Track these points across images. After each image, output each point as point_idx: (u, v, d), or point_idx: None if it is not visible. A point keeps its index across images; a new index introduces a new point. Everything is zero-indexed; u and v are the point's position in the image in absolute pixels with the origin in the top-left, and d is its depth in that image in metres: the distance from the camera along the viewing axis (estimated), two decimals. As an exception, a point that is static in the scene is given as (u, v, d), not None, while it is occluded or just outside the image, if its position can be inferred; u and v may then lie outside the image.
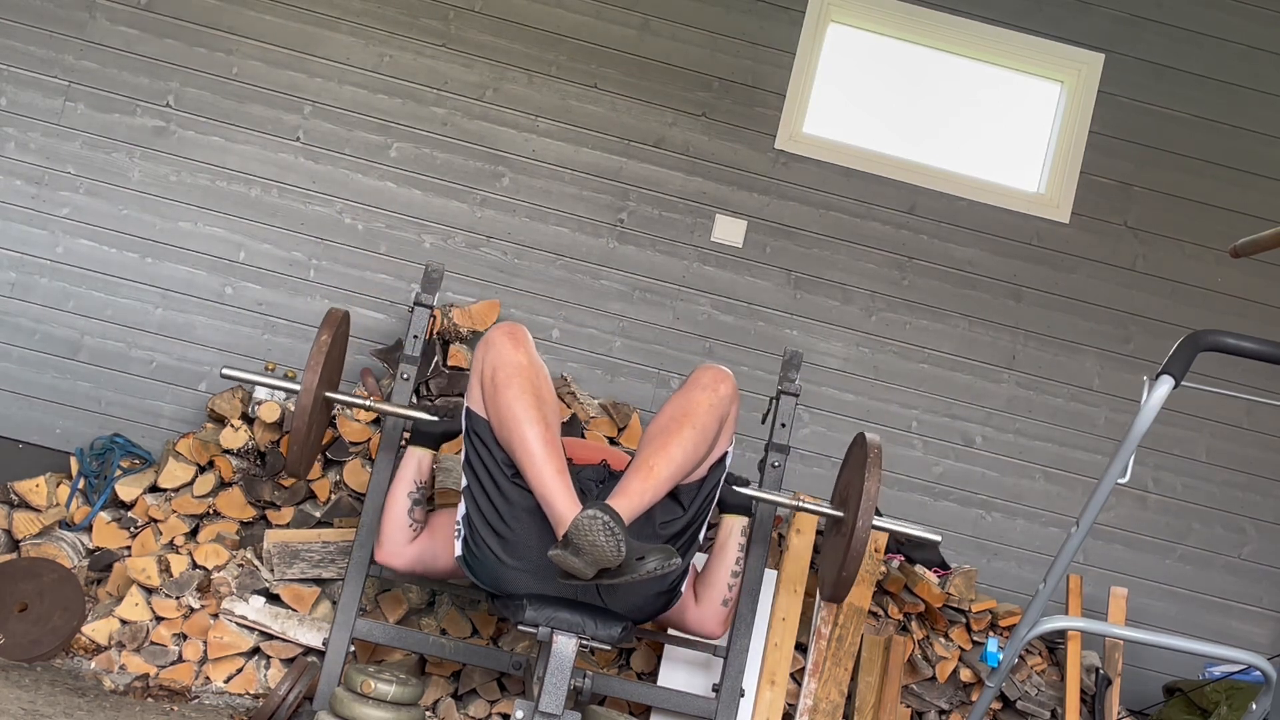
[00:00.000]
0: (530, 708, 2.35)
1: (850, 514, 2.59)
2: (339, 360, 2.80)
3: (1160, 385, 2.11)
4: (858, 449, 2.68)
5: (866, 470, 2.55)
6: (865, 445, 2.61)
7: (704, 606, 2.80)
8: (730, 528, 2.81)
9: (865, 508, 2.52)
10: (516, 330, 2.52)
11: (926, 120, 4.15)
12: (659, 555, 2.24)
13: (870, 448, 2.59)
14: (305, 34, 3.89)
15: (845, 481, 2.77)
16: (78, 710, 2.64)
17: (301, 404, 2.54)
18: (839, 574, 2.60)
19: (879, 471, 2.55)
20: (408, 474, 2.76)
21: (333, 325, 2.64)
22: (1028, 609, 2.32)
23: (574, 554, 2.21)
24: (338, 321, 2.67)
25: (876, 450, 2.58)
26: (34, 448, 3.69)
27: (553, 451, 2.38)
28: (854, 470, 2.67)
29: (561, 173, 3.93)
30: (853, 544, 2.53)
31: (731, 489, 2.80)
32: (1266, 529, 3.95)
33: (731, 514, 2.82)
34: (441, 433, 2.80)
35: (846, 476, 2.77)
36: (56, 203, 3.78)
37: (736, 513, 2.82)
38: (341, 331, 2.73)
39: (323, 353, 2.56)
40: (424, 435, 2.79)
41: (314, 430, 2.66)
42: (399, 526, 2.74)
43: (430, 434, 2.79)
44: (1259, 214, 4.02)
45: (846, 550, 2.56)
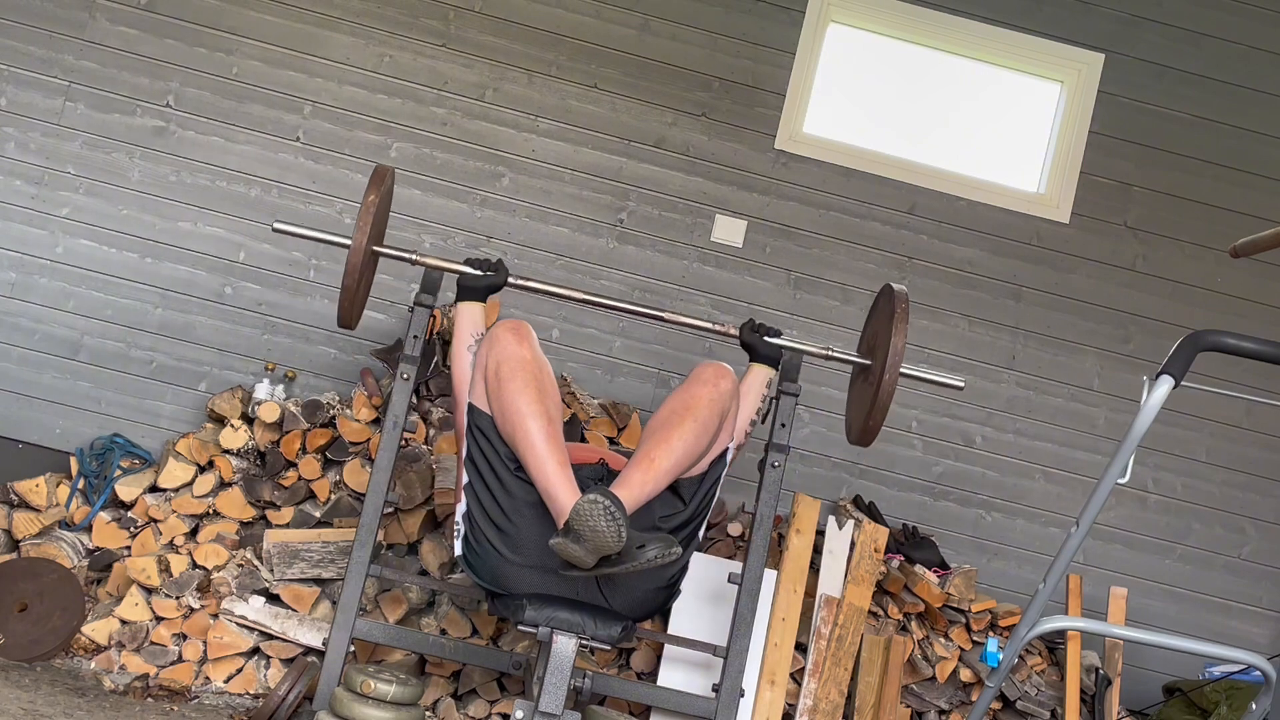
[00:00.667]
0: (530, 708, 2.35)
1: (878, 362, 2.67)
2: (384, 217, 2.85)
3: (1160, 385, 2.11)
4: (885, 300, 2.75)
5: (894, 323, 2.63)
6: (893, 297, 2.68)
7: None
8: (757, 375, 2.85)
9: (892, 359, 2.61)
10: (520, 326, 2.53)
11: (926, 120, 4.16)
12: (660, 544, 2.24)
13: (898, 300, 2.66)
14: (305, 34, 3.89)
15: (873, 331, 2.83)
16: (78, 710, 2.64)
17: (351, 261, 2.62)
18: (866, 421, 2.70)
19: (905, 325, 2.63)
20: (464, 329, 2.75)
21: (379, 183, 2.69)
22: (1028, 609, 2.32)
23: (575, 541, 2.21)
24: (383, 179, 2.72)
25: (904, 303, 2.66)
26: (34, 448, 3.69)
27: (555, 445, 2.38)
28: (881, 320, 2.75)
29: (561, 173, 3.93)
30: (881, 392, 2.63)
31: (762, 339, 2.84)
32: (1266, 529, 3.96)
33: (760, 363, 2.86)
34: (486, 286, 2.79)
35: (874, 326, 2.83)
36: (56, 203, 3.78)
37: (765, 363, 2.86)
38: (387, 188, 2.79)
39: (370, 212, 2.64)
40: (470, 290, 2.79)
41: (363, 284, 2.73)
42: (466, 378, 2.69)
43: (476, 288, 2.79)
44: (1259, 214, 4.02)
45: (874, 398, 2.65)
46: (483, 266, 2.79)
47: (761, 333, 2.85)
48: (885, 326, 2.68)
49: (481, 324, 2.77)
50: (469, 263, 2.80)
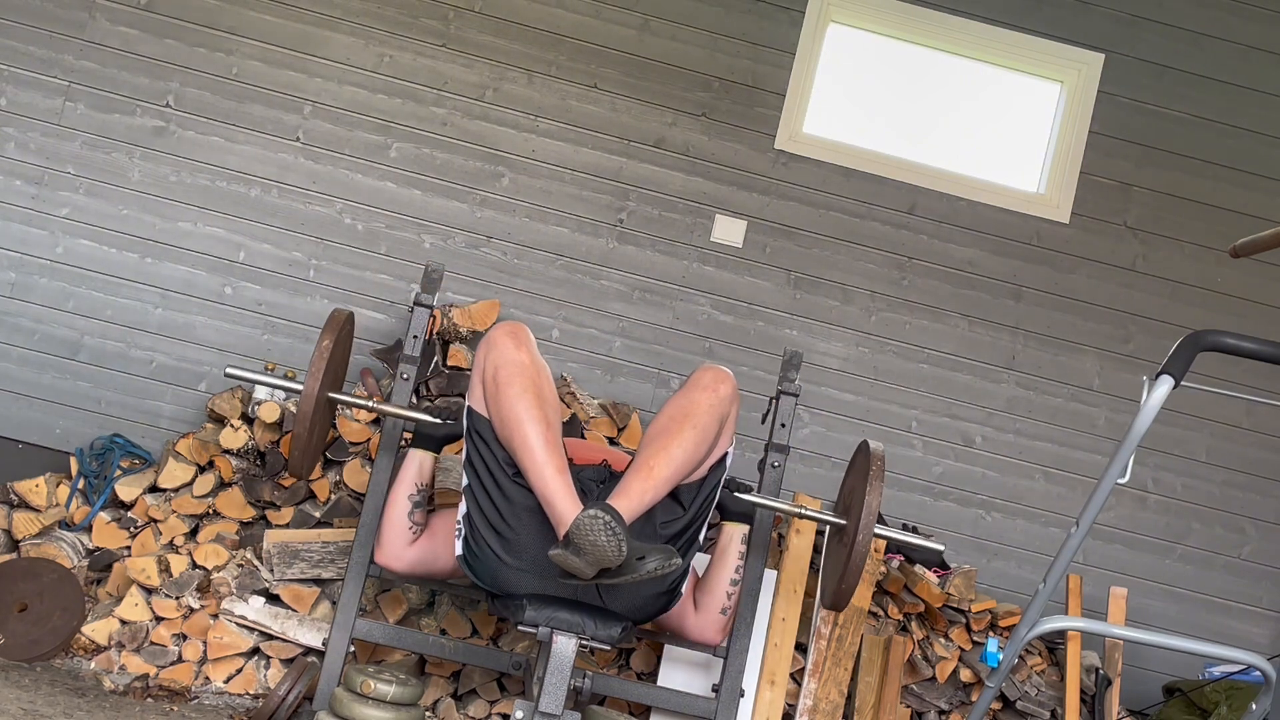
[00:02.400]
0: (530, 708, 2.35)
1: (852, 523, 2.58)
2: (342, 361, 2.80)
3: (1160, 385, 2.11)
4: (862, 457, 2.68)
5: (869, 482, 2.55)
6: (869, 455, 2.61)
7: (703, 615, 2.80)
8: (730, 535, 2.80)
9: (866, 521, 2.52)
10: (518, 329, 2.52)
11: (926, 120, 4.15)
12: (659, 555, 2.24)
13: (874, 459, 2.59)
14: (305, 34, 3.89)
15: (849, 488, 2.77)
16: (77, 710, 2.64)
17: (303, 409, 2.54)
18: (839, 585, 2.61)
19: (881, 485, 2.55)
20: (408, 476, 2.75)
21: (335, 329, 2.64)
22: (1028, 609, 2.32)
23: (575, 554, 2.21)
24: (340, 324, 2.66)
25: (880, 462, 2.58)
26: (34, 448, 3.69)
27: (554, 450, 2.38)
28: (857, 478, 2.67)
29: (561, 173, 3.93)
30: (853, 556, 2.53)
31: (733, 495, 2.79)
32: (1266, 529, 3.95)
33: (732, 521, 2.81)
34: (444, 435, 2.78)
35: (850, 484, 2.77)
36: (56, 203, 3.78)
37: (737, 520, 2.81)
38: (345, 332, 2.73)
39: (324, 359, 2.56)
40: (426, 438, 2.78)
41: (316, 432, 2.66)
42: (399, 530, 2.74)
43: (433, 436, 2.78)
44: (1259, 214, 4.02)
45: (847, 562, 2.56)
46: (440, 414, 2.78)
47: (730, 488, 2.80)
48: (860, 485, 2.61)
49: (429, 475, 2.77)
50: (428, 411, 2.78)
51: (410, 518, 2.74)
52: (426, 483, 2.77)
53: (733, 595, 2.79)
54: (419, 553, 2.76)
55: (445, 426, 2.77)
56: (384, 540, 2.75)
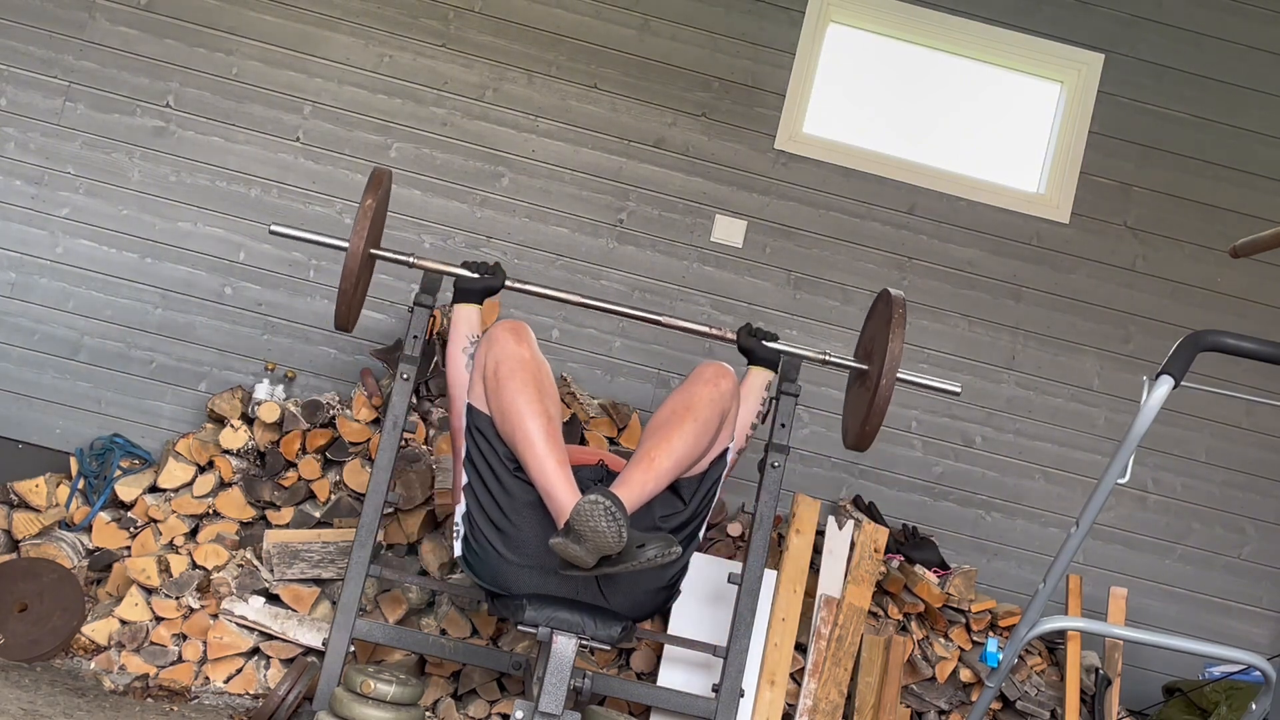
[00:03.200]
0: (530, 708, 2.35)
1: (875, 367, 2.68)
2: (381, 220, 2.85)
3: (1160, 385, 2.11)
4: (883, 304, 2.75)
5: (890, 328, 2.63)
6: (890, 302, 2.69)
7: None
8: (756, 377, 2.84)
9: (889, 365, 2.62)
10: (519, 326, 2.53)
11: (926, 120, 4.16)
12: (660, 543, 2.24)
13: (895, 305, 2.67)
14: (305, 34, 3.89)
15: (870, 335, 2.84)
16: (77, 710, 2.64)
17: (348, 266, 2.63)
18: (862, 427, 2.72)
19: (902, 331, 2.64)
20: (460, 331, 2.74)
21: (376, 187, 2.70)
22: (1027, 609, 2.32)
23: (575, 541, 2.21)
24: (380, 182, 2.72)
25: (901, 309, 2.66)
26: (34, 448, 3.69)
27: (554, 444, 2.38)
28: (879, 325, 2.75)
29: (561, 173, 3.93)
30: (877, 398, 2.64)
31: (760, 344, 2.84)
32: (1266, 529, 3.95)
33: (758, 366, 2.85)
34: (482, 289, 2.78)
35: (871, 330, 2.84)
36: (56, 203, 3.78)
37: (763, 365, 2.85)
38: (385, 190, 2.79)
39: (368, 216, 2.64)
40: (467, 293, 2.77)
41: (360, 287, 2.74)
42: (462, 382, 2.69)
43: (473, 290, 2.78)
44: (1259, 214, 4.02)
45: (871, 403, 2.66)
46: (480, 269, 2.78)
47: (759, 337, 2.85)
48: (883, 331, 2.69)
49: (478, 327, 2.76)
50: (466, 265, 2.79)
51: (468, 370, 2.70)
52: (477, 334, 2.76)
53: (749, 437, 2.82)
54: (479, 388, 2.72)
55: (482, 280, 2.77)
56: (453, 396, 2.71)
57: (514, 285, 2.84)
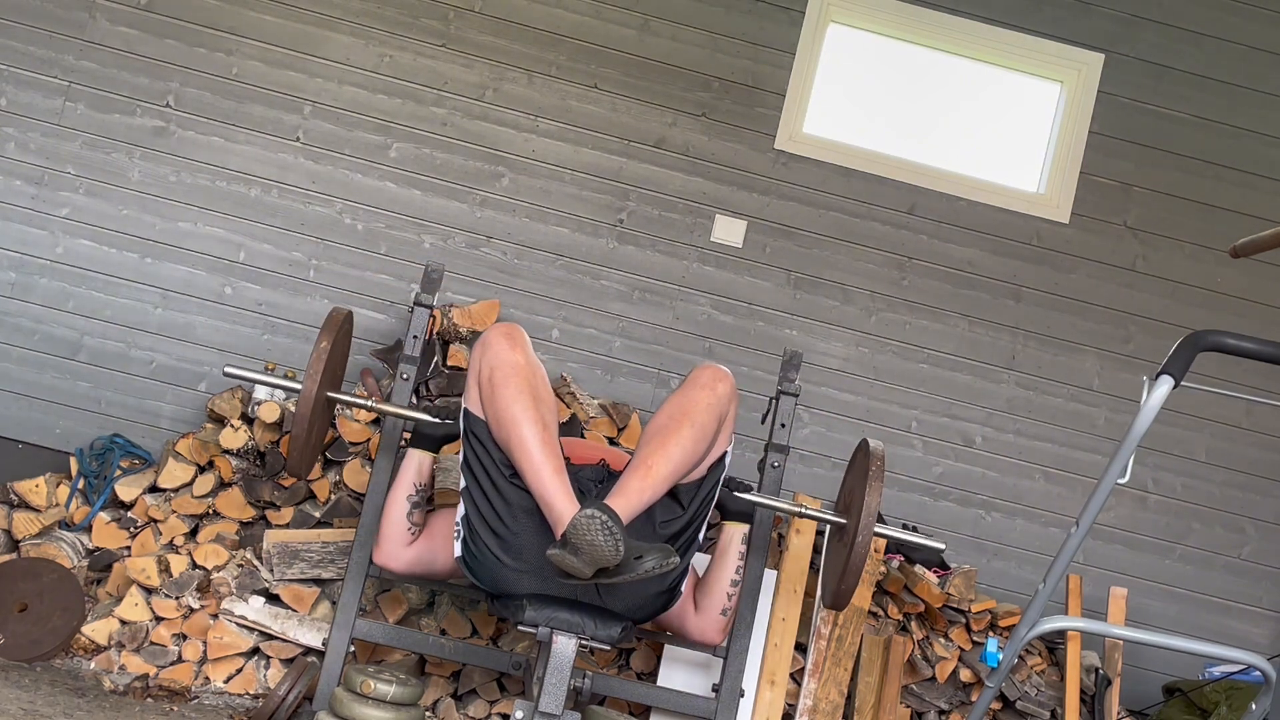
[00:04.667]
0: (530, 708, 2.35)
1: (852, 522, 2.58)
2: (341, 360, 2.79)
3: (1160, 385, 2.11)
4: (861, 456, 2.67)
5: (869, 482, 2.55)
6: (869, 454, 2.61)
7: (703, 615, 2.80)
8: (730, 535, 2.79)
9: (866, 520, 2.52)
10: (513, 330, 2.52)
11: (926, 120, 4.15)
12: (657, 554, 2.24)
13: (874, 458, 2.58)
14: (305, 34, 3.89)
15: (849, 488, 2.76)
16: (77, 710, 2.64)
17: (301, 410, 2.54)
18: (839, 585, 2.60)
19: (880, 484, 2.54)
20: (407, 477, 2.75)
21: (333, 329, 2.63)
22: (1027, 609, 2.32)
23: (572, 554, 2.21)
24: (338, 324, 2.66)
25: (880, 461, 2.58)
26: (34, 448, 3.69)
27: (550, 451, 2.37)
28: (857, 478, 2.67)
29: (561, 173, 3.93)
30: (853, 556, 2.53)
31: (733, 495, 2.78)
32: (1266, 529, 3.95)
33: (732, 521, 2.80)
34: (443, 435, 2.78)
35: (850, 483, 2.76)
36: (56, 203, 3.78)
37: (737, 520, 2.80)
38: (344, 332, 2.73)
39: (322, 360, 2.55)
40: (425, 438, 2.78)
41: (315, 432, 2.66)
42: (398, 529, 2.73)
43: (431, 436, 2.78)
44: (1259, 214, 4.02)
45: (847, 561, 2.56)
46: (440, 414, 2.77)
47: (730, 488, 2.79)
48: (860, 484, 2.60)
49: (427, 475, 2.77)
50: (427, 411, 2.77)
51: (409, 518, 2.74)
52: (425, 483, 2.77)
53: (733, 596, 2.78)
54: (417, 553, 2.76)
55: (444, 426, 2.76)
56: (383, 540, 2.75)
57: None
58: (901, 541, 2.82)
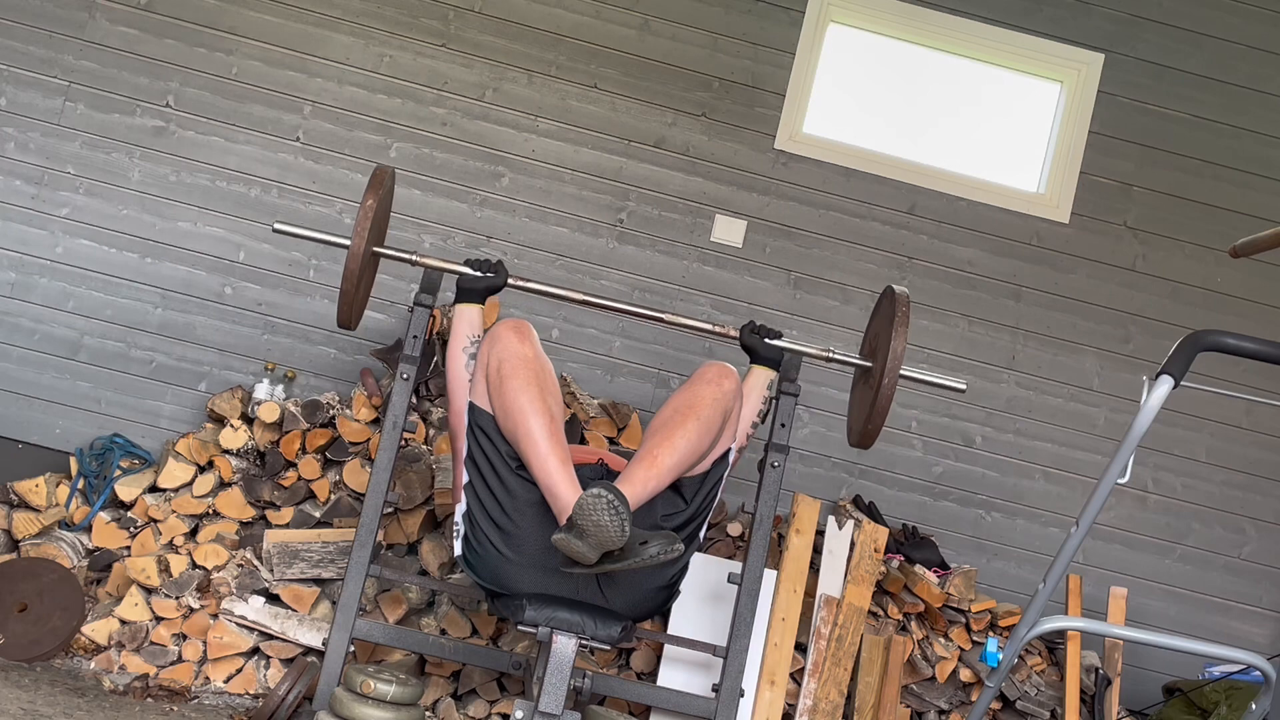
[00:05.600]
0: (530, 708, 2.35)
1: (879, 365, 2.68)
2: (384, 218, 2.85)
3: (1160, 385, 2.11)
4: (887, 302, 2.75)
5: (894, 326, 2.63)
6: (894, 300, 2.68)
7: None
8: (758, 376, 2.82)
9: (892, 363, 2.61)
10: (521, 325, 2.53)
11: (926, 120, 4.15)
12: (662, 540, 2.24)
13: (899, 303, 2.66)
14: (305, 34, 3.89)
15: (874, 333, 2.83)
16: (77, 710, 2.64)
17: (349, 266, 2.62)
18: (865, 425, 2.71)
19: (905, 329, 2.63)
20: (461, 331, 2.72)
21: (378, 186, 2.69)
22: (1027, 609, 2.32)
23: (578, 536, 2.21)
24: (383, 181, 2.71)
25: (905, 307, 2.66)
26: (34, 448, 3.69)
27: (557, 442, 2.38)
28: (882, 323, 2.74)
29: (561, 173, 3.93)
30: (879, 397, 2.63)
31: (763, 341, 2.81)
32: (1266, 529, 3.95)
33: (761, 365, 2.83)
34: (485, 287, 2.75)
35: (875, 328, 2.83)
36: (56, 203, 3.78)
37: (765, 364, 2.83)
38: (387, 190, 2.78)
39: (369, 216, 2.63)
40: (469, 292, 2.75)
41: (363, 286, 2.73)
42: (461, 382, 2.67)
43: (475, 289, 2.75)
44: (1259, 214, 4.02)
45: (874, 401, 2.65)
46: (482, 267, 2.76)
47: (762, 334, 2.83)
48: (886, 329, 2.68)
49: (479, 326, 2.75)
50: (468, 263, 2.78)
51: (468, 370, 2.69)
52: (478, 334, 2.74)
53: (750, 436, 2.79)
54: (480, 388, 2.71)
55: (485, 279, 2.74)
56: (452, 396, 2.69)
57: (515, 284, 2.83)
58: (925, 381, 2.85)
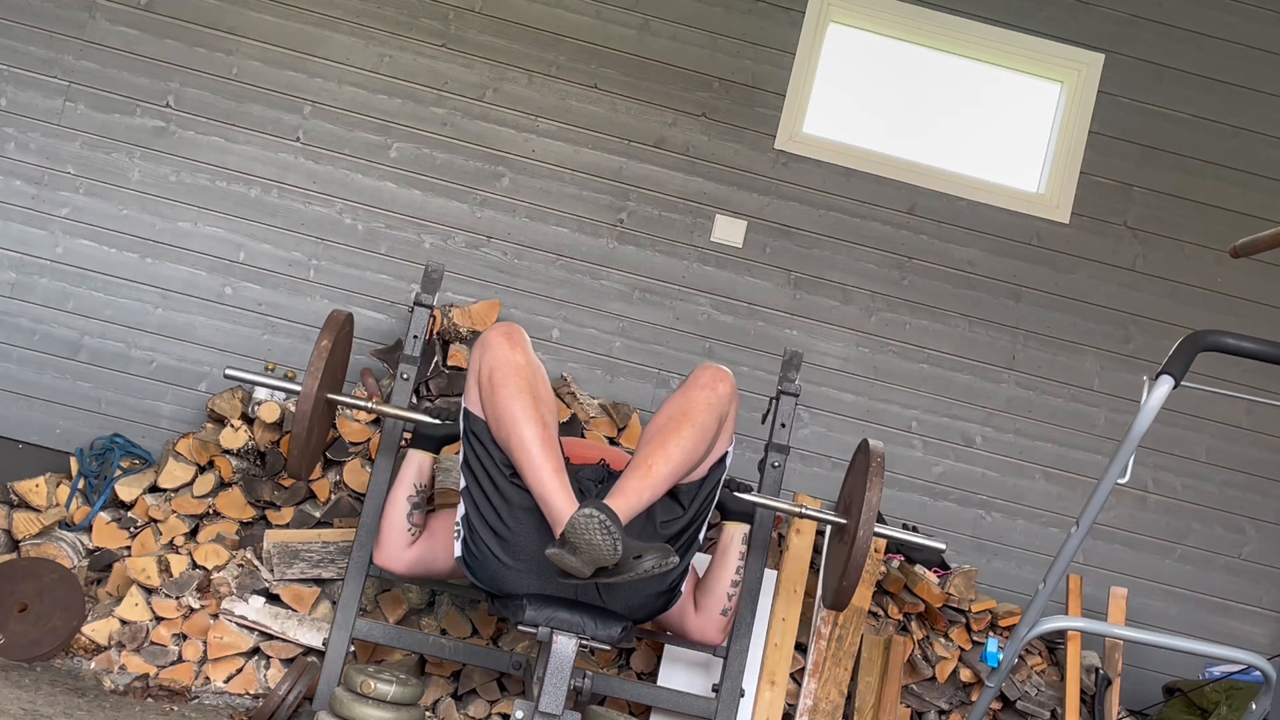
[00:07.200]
0: (530, 708, 2.35)
1: (853, 522, 2.58)
2: (342, 362, 2.79)
3: (1160, 385, 2.11)
4: (861, 456, 2.67)
5: (869, 481, 2.55)
6: (869, 454, 2.61)
7: (704, 615, 2.80)
8: (731, 535, 2.78)
9: (866, 519, 2.52)
10: (513, 330, 2.52)
11: (926, 120, 4.15)
12: (656, 554, 2.24)
13: (874, 456, 2.58)
14: (305, 34, 3.89)
15: (849, 488, 2.76)
16: (77, 710, 2.64)
17: (301, 409, 2.54)
18: (840, 583, 2.60)
19: (880, 483, 2.54)
20: (408, 477, 2.75)
21: (334, 329, 2.63)
22: (1028, 609, 2.32)
23: (571, 553, 2.21)
24: (339, 325, 2.66)
25: (880, 460, 2.58)
26: (34, 448, 3.69)
27: (550, 451, 2.37)
28: (857, 478, 2.67)
29: (561, 173, 3.93)
30: (854, 554, 2.53)
31: (733, 495, 2.78)
32: (1266, 529, 3.95)
33: (732, 521, 2.80)
34: (443, 436, 2.78)
35: (850, 483, 2.76)
36: (56, 203, 3.78)
37: (738, 520, 2.80)
38: (344, 333, 2.73)
39: (323, 359, 2.56)
40: (425, 439, 2.78)
41: (315, 433, 2.66)
42: (398, 531, 2.74)
43: (432, 437, 2.78)
44: (1259, 214, 4.02)
45: (848, 560, 2.56)
46: (440, 415, 2.77)
47: (730, 488, 2.79)
48: (860, 484, 2.61)
49: (428, 476, 2.77)
50: (427, 412, 2.78)
51: (409, 519, 2.74)
52: (425, 483, 2.77)
53: (733, 596, 2.78)
54: (418, 553, 2.76)
55: (444, 427, 2.76)
56: (383, 541, 2.75)
57: None
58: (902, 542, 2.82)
